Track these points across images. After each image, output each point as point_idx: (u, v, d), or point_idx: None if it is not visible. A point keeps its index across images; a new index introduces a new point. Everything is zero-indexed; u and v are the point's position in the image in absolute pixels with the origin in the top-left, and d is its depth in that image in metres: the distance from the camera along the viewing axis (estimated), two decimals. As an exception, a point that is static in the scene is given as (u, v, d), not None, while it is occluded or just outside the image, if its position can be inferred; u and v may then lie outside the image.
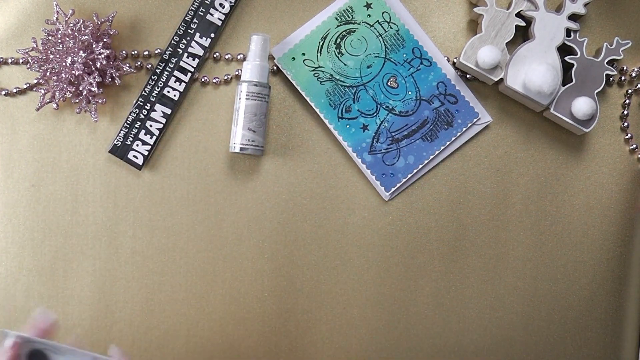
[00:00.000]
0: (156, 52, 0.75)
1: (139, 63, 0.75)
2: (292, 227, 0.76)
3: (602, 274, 0.77)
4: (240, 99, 0.73)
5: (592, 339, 0.77)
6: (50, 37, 0.71)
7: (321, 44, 0.75)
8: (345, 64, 0.75)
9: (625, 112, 0.77)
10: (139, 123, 0.74)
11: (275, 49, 0.75)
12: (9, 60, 0.74)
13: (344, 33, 0.75)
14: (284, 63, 0.75)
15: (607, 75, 0.74)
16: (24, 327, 0.57)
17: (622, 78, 0.76)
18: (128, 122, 0.74)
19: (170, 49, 0.74)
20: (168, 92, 0.74)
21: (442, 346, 0.76)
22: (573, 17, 0.73)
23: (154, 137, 0.74)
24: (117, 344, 0.74)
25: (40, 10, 0.74)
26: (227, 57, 0.76)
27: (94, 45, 0.71)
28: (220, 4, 0.74)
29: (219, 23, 0.74)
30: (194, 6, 0.74)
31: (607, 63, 0.74)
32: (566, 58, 0.73)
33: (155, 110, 0.74)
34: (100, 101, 0.73)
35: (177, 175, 0.75)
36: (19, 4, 0.75)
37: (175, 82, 0.74)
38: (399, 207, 0.76)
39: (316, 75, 0.75)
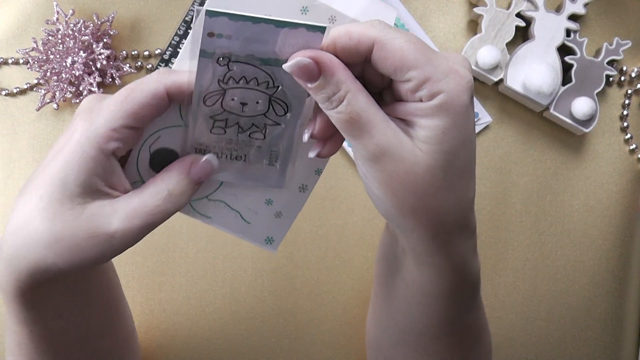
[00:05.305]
0: (156, 52, 0.75)
1: (139, 63, 0.75)
2: (292, 227, 0.76)
3: (602, 274, 0.77)
4: (240, 99, 0.73)
5: (592, 339, 0.77)
6: (50, 38, 0.71)
7: (321, 44, 0.75)
8: (345, 64, 0.75)
9: (625, 112, 0.77)
10: (139, 123, 0.74)
11: (275, 49, 0.75)
12: (9, 60, 0.74)
13: (344, 33, 0.75)
14: (284, 63, 0.75)
15: (607, 75, 0.74)
16: None
17: (622, 78, 0.76)
18: (128, 122, 0.74)
19: (170, 49, 0.74)
20: (168, 92, 0.74)
21: (442, 346, 0.76)
22: (573, 17, 0.73)
23: (154, 137, 0.74)
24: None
25: (40, 10, 0.74)
26: (227, 57, 0.76)
27: (94, 46, 0.71)
28: (220, 4, 0.74)
29: (219, 23, 0.74)
30: (194, 6, 0.74)
31: (607, 63, 0.74)
32: (566, 58, 0.73)
33: (155, 110, 0.74)
34: (100, 101, 0.73)
35: (177, 175, 0.75)
36: (19, 4, 0.75)
37: (175, 82, 0.74)
38: (399, 207, 0.76)
39: (316, 75, 0.75)
